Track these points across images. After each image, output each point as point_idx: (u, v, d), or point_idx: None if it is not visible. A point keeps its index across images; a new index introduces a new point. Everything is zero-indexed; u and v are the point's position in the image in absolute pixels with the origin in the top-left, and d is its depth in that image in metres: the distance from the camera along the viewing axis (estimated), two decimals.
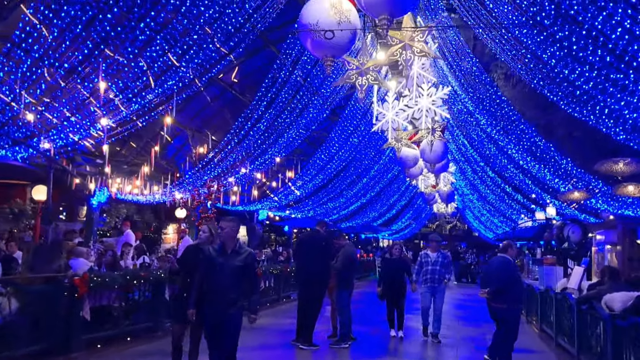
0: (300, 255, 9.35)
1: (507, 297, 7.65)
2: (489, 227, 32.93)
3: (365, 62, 10.17)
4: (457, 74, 11.76)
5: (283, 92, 11.79)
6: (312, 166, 17.26)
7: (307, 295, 9.10)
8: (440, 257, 9.99)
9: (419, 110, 12.82)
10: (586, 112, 7.48)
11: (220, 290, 5.38)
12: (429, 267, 9.89)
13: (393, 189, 29.45)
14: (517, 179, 15.15)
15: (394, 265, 10.16)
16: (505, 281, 7.78)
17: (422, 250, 10.78)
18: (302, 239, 10.03)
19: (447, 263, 10.15)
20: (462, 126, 16.55)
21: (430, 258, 9.96)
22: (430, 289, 9.92)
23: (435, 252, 10.03)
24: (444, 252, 10.21)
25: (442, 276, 9.92)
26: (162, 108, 9.59)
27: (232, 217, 5.77)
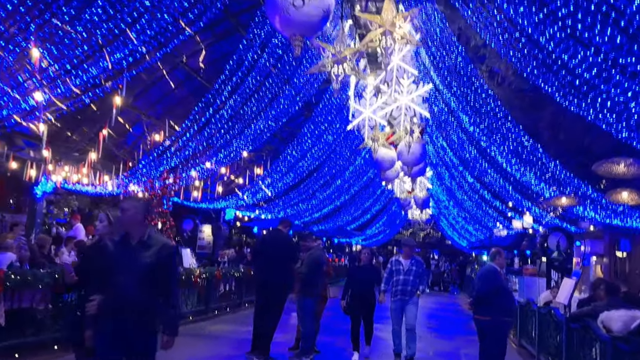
0: (260, 257, 8.29)
1: (492, 308, 6.84)
2: (463, 235, 32.33)
3: (341, 51, 9.34)
4: (441, 67, 10.86)
5: (250, 77, 10.72)
6: (282, 163, 16.19)
7: (265, 302, 8.05)
8: (414, 265, 8.46)
9: (398, 108, 11.90)
10: (585, 105, 6.62)
11: (121, 299, 3.72)
12: (401, 276, 8.37)
13: (368, 192, 28.62)
14: (497, 184, 14.34)
15: (362, 275, 8.66)
16: (487, 290, 6.97)
17: (394, 256, 9.26)
18: (262, 238, 8.96)
19: (421, 272, 8.55)
20: (442, 127, 15.70)
21: (402, 266, 8.44)
22: (401, 302, 8.37)
23: (408, 259, 8.53)
24: (418, 259, 8.72)
25: (415, 288, 8.40)
26: (109, 85, 8.43)
27: (139, 198, 4.56)
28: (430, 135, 18.43)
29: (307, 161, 17.21)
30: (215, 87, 10.40)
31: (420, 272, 8.52)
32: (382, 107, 11.96)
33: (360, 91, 16.25)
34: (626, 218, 9.73)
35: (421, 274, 8.55)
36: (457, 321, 15.73)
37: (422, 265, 8.69)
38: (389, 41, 9.48)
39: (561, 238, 10.02)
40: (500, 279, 7.20)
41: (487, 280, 7.01)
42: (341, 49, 9.28)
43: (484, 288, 6.99)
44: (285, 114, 13.48)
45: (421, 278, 8.56)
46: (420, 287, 8.51)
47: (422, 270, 8.63)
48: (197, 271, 11.95)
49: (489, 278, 7.03)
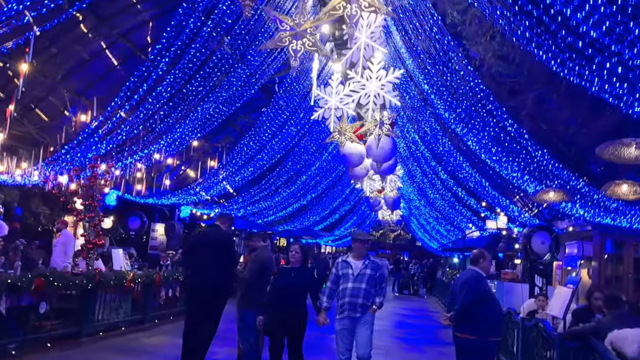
0: (191, 258, 6.77)
1: (477, 325, 5.55)
2: (434, 237, 31.30)
3: (301, 23, 8.04)
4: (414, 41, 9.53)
5: (193, 49, 9.19)
6: (238, 155, 14.66)
7: (197, 312, 6.55)
8: (369, 267, 6.13)
9: (366, 95, 10.54)
10: (588, 73, 5.35)
11: None
12: (349, 284, 6.06)
13: (337, 191, 27.29)
14: (473, 180, 13.12)
15: (290, 281, 6.17)
16: (471, 302, 5.65)
17: (341, 256, 6.88)
18: (194, 237, 7.42)
19: (379, 278, 6.17)
20: (414, 118, 14.43)
21: (351, 269, 6.13)
22: (350, 321, 6.03)
23: (360, 259, 6.19)
24: (376, 260, 6.40)
25: (370, 300, 6.06)
26: (10, 45, 6.80)
27: None
28: (402, 128, 17.18)
29: (267, 154, 15.73)
30: (151, 58, 8.83)
31: (377, 277, 6.14)
32: (349, 95, 10.62)
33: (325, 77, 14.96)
34: (620, 216, 8.58)
35: (378, 280, 6.16)
36: (428, 329, 14.49)
37: (381, 269, 6.29)
38: (354, 9, 8.21)
39: (546, 238, 8.82)
40: (487, 287, 5.90)
41: (471, 289, 5.69)
42: (301, 21, 8.03)
43: (468, 299, 5.65)
44: (239, 97, 11.98)
45: (378, 286, 6.16)
46: (377, 300, 6.09)
47: (381, 275, 6.22)
48: (131, 275, 10.34)
49: (473, 286, 5.71)
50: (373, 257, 6.43)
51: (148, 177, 13.92)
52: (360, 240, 6.37)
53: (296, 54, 8.34)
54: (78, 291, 8.95)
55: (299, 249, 6.36)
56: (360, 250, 6.28)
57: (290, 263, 6.39)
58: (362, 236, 6.54)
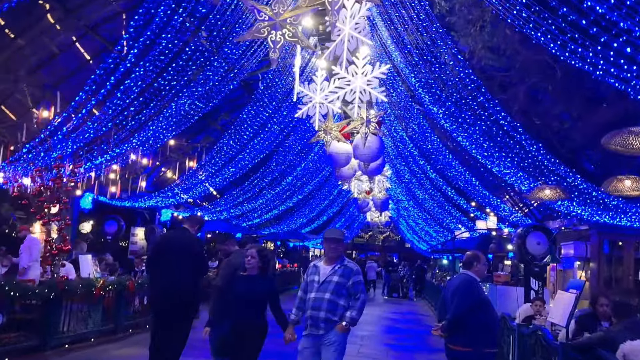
0: (155, 265, 6.11)
1: (472, 335, 5.01)
2: (423, 238, 30.82)
3: (281, 13, 7.47)
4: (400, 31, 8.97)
5: (164, 40, 8.56)
6: (218, 155, 14.02)
7: (160, 327, 5.91)
8: (337, 274, 4.98)
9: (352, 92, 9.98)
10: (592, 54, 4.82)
11: None
12: (312, 294, 4.99)
13: (324, 192, 26.71)
14: (462, 178, 12.60)
15: (246, 290, 5.23)
16: (465, 310, 5.09)
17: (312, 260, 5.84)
18: (159, 241, 6.75)
19: (352, 287, 4.97)
20: (402, 115, 13.89)
21: (317, 276, 5.04)
22: (313, 340, 4.94)
23: (332, 263, 5.06)
24: (350, 265, 5.11)
25: (336, 313, 4.89)
26: None
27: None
28: (389, 127, 16.65)
29: (249, 154, 15.10)
30: (118, 49, 8.19)
31: (350, 286, 4.95)
32: (334, 91, 10.07)
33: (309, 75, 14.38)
34: (620, 214, 8.08)
35: (351, 289, 4.96)
36: (418, 334, 13.93)
37: (355, 275, 5.02)
38: None
39: (541, 239, 8.32)
40: (482, 293, 5.33)
41: (464, 295, 5.12)
42: (280, 11, 7.46)
43: (461, 307, 5.07)
44: (216, 93, 11.36)
45: (352, 297, 4.96)
46: (348, 315, 4.87)
47: (355, 283, 4.97)
48: (101, 282, 9.66)
49: (467, 293, 5.14)
50: (348, 260, 5.12)
51: (123, 178, 13.22)
52: (331, 240, 5.08)
53: (275, 46, 7.75)
54: (40, 301, 8.27)
55: (256, 253, 5.37)
56: (331, 252, 5.03)
57: (247, 270, 5.39)
58: (333, 234, 5.26)
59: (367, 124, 10.51)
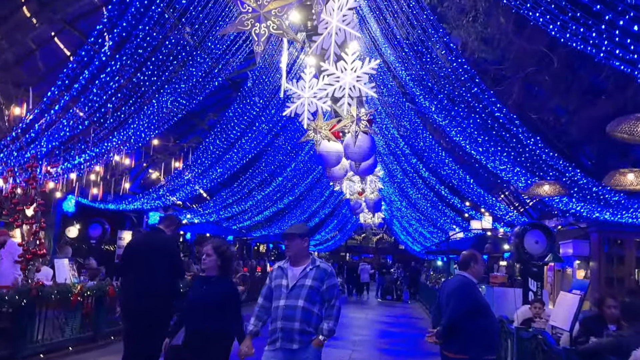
0: (129, 269, 5.67)
1: (469, 342, 4.66)
2: (416, 240, 30.44)
3: (265, 4, 7.13)
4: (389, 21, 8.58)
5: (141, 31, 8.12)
6: (204, 154, 13.57)
7: (136, 331, 5.47)
8: (310, 277, 4.25)
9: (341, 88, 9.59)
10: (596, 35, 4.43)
11: None
12: (281, 301, 4.23)
13: (316, 193, 26.28)
14: (456, 176, 12.22)
15: (201, 294, 4.46)
16: (461, 314, 4.72)
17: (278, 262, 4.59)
18: (132, 243, 6.32)
19: (327, 292, 4.26)
20: (393, 113, 13.51)
21: (285, 279, 4.29)
22: (286, 356, 4.14)
23: (300, 264, 4.31)
24: (323, 265, 4.36)
25: (311, 324, 4.16)
26: None
27: None
28: (380, 125, 16.28)
29: (237, 153, 14.65)
30: (91, 41, 7.74)
31: (324, 291, 4.23)
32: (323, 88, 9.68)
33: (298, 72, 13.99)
34: (621, 211, 7.71)
35: (325, 294, 4.23)
36: (412, 337, 13.54)
37: (329, 278, 4.29)
38: None
39: (540, 237, 7.95)
40: (480, 296, 4.94)
41: (461, 299, 4.74)
42: (264, 2, 7.11)
43: (457, 312, 4.69)
44: (200, 90, 10.93)
45: (327, 304, 4.24)
46: (325, 326, 4.15)
47: (330, 287, 4.26)
48: (78, 287, 9.19)
49: (463, 296, 4.76)
50: (320, 261, 4.39)
51: (105, 180, 12.74)
52: (294, 236, 4.28)
53: (260, 39, 7.40)
54: (11, 308, 7.78)
55: (213, 250, 4.45)
56: (296, 250, 4.28)
57: (205, 271, 4.58)
58: (290, 229, 4.42)
59: (358, 122, 10.14)
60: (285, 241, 4.36)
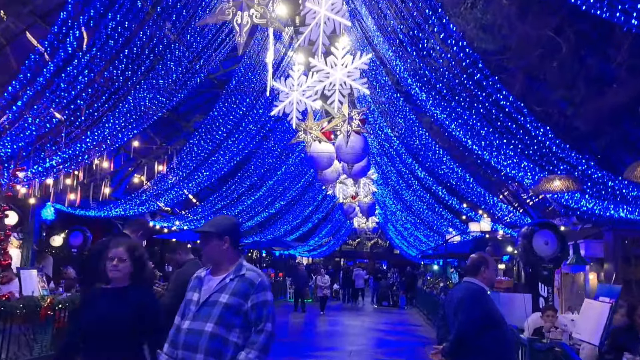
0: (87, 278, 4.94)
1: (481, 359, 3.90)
2: (412, 244, 29.79)
3: None
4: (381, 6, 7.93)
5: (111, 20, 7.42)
6: (188, 157, 12.84)
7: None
8: (228, 289, 3.08)
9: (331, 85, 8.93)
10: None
11: None
12: (187, 323, 3.07)
13: (308, 198, 25.60)
14: (454, 176, 11.56)
15: (102, 313, 3.36)
16: (472, 328, 4.06)
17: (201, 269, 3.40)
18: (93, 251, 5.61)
19: (252, 310, 3.04)
20: (386, 110, 12.85)
21: (197, 293, 3.17)
22: None
23: (222, 272, 3.18)
24: (251, 276, 3.13)
25: (225, 358, 2.96)
26: None
27: None
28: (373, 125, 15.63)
29: (224, 156, 13.92)
30: (55, 31, 7.02)
31: (248, 309, 3.06)
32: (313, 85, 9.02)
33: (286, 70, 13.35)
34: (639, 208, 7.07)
35: (250, 314, 3.06)
36: (410, 346, 12.86)
37: (259, 291, 3.10)
38: None
39: (550, 237, 7.29)
40: (492, 305, 4.27)
41: (471, 310, 4.07)
42: None
43: (467, 325, 4.02)
44: (181, 87, 10.24)
45: (248, 325, 3.06)
46: (242, 357, 2.95)
47: (258, 304, 3.07)
48: (48, 300, 8.43)
49: (474, 307, 4.09)
50: (248, 267, 3.18)
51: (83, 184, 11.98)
52: (208, 236, 3.16)
53: (242, 29, 6.81)
54: None
55: (126, 252, 3.42)
56: (212, 255, 3.17)
57: (111, 281, 3.47)
58: (212, 226, 3.23)
59: (350, 121, 9.49)
60: (201, 241, 3.27)
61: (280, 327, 15.99)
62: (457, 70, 6.90)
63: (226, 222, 3.33)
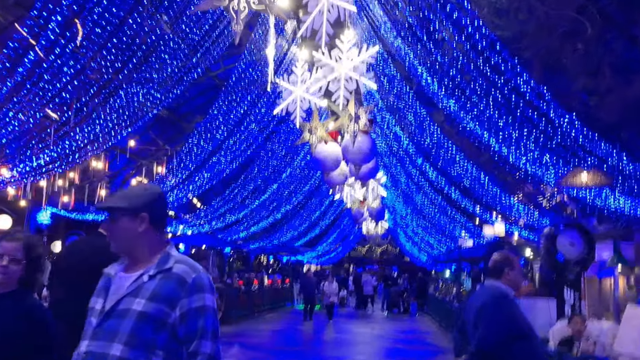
0: (58, 283, 4.36)
1: None
2: (423, 249, 29.08)
3: None
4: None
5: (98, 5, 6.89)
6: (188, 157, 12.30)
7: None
8: (146, 292, 2.05)
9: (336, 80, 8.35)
10: None
11: None
12: (84, 344, 2.07)
13: (315, 202, 24.99)
14: (468, 175, 10.90)
15: None
16: (497, 340, 3.45)
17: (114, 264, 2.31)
18: (62, 253, 5.04)
19: (186, 322, 2.03)
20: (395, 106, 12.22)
21: (101, 297, 2.14)
22: None
23: (137, 267, 2.16)
24: (178, 270, 2.10)
25: None
26: None
27: None
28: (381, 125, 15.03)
29: (225, 156, 13.37)
30: (34, 14, 6.50)
31: (173, 321, 2.04)
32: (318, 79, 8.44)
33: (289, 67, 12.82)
34: None
35: (179, 327, 2.04)
36: (421, 356, 12.19)
37: (191, 294, 2.05)
38: None
39: (575, 238, 6.62)
40: (518, 311, 3.66)
41: (495, 317, 3.46)
42: None
43: (491, 335, 3.40)
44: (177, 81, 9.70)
45: (176, 345, 2.05)
46: None
47: (190, 311, 2.04)
48: None
49: (497, 314, 3.48)
50: (177, 258, 2.18)
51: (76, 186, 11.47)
52: (116, 212, 2.17)
53: (238, 16, 6.25)
54: None
55: (23, 253, 2.58)
56: (122, 240, 2.19)
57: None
58: (120, 200, 2.21)
59: (357, 120, 8.93)
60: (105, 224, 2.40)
61: (285, 335, 15.39)
62: (473, 54, 6.28)
63: (143, 192, 2.23)
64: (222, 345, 2.11)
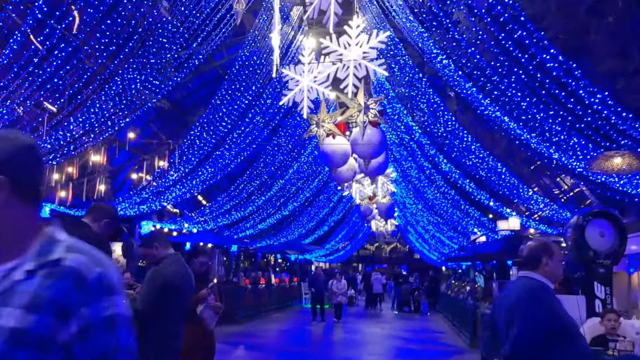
0: None
1: None
2: (434, 247, 28.44)
3: None
4: None
5: None
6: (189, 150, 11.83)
7: None
8: (15, 300, 1.15)
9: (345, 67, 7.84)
10: None
11: None
12: None
13: (323, 199, 24.48)
14: (484, 166, 10.35)
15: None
16: (534, 339, 2.97)
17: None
18: None
19: (82, 340, 1.17)
20: (406, 95, 11.70)
21: None
22: None
23: (7, 264, 1.21)
24: (71, 262, 1.19)
25: None
26: None
27: None
28: (392, 115, 14.49)
29: (229, 150, 12.89)
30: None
31: (68, 340, 1.17)
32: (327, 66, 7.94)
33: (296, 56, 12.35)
34: None
35: (77, 346, 1.18)
36: (433, 356, 11.67)
37: (94, 302, 1.19)
38: None
39: (606, 228, 6.10)
40: (560, 307, 3.13)
41: (533, 313, 2.96)
42: None
43: (527, 332, 2.91)
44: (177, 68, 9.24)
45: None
46: None
47: (99, 321, 1.19)
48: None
49: (536, 309, 2.97)
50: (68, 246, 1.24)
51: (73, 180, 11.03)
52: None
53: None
54: None
55: None
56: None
57: None
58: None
59: (366, 110, 8.43)
60: None
61: (292, 335, 14.91)
62: (494, 28, 5.74)
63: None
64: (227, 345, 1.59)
